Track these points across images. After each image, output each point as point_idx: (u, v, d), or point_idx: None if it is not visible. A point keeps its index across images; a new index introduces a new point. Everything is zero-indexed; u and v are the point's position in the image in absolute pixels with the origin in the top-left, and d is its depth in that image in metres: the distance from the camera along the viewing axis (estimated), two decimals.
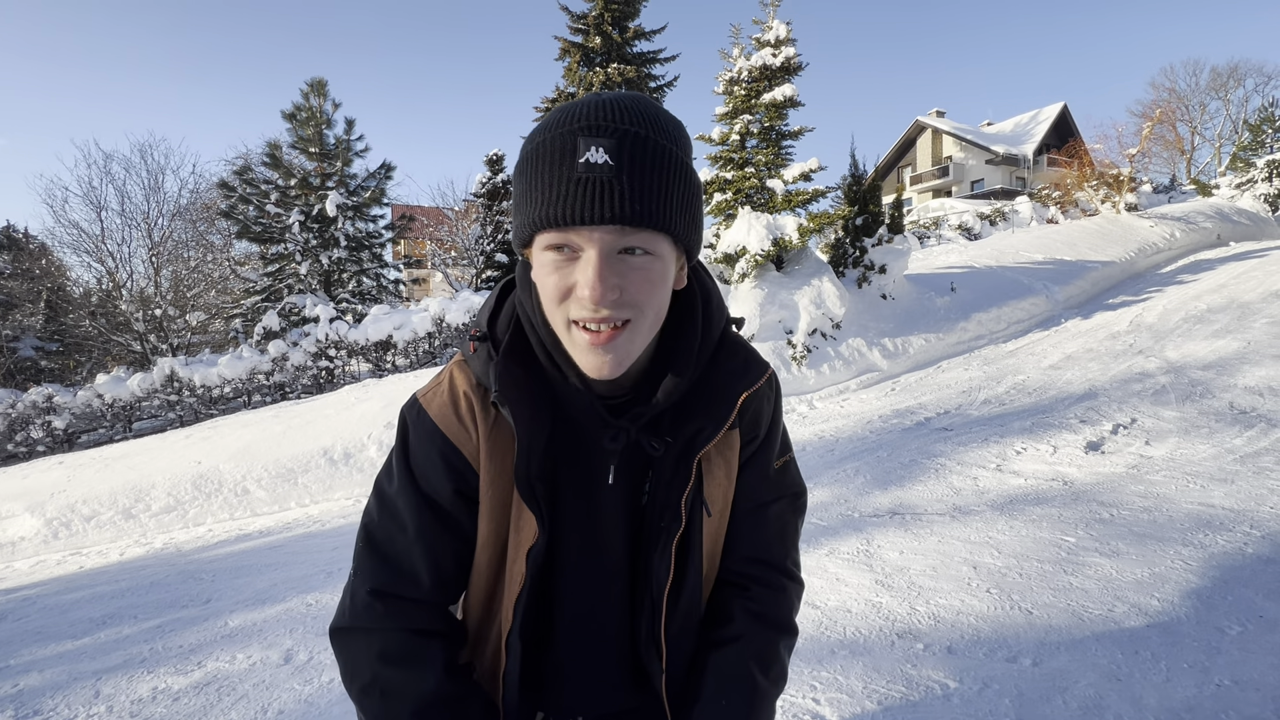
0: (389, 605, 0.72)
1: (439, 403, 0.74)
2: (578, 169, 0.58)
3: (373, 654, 0.71)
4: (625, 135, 0.59)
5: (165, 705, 2.44)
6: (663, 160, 0.60)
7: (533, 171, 0.61)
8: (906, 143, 40.55)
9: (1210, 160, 32.39)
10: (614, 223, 0.58)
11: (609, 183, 0.57)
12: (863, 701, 1.90)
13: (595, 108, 0.60)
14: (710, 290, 0.77)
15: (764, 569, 0.82)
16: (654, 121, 0.61)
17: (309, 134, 14.18)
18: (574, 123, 0.59)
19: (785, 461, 0.84)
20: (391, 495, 0.74)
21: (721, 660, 0.77)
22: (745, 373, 0.76)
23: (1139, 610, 2.18)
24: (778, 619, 0.80)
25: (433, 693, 0.70)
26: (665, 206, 0.60)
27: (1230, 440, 3.68)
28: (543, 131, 0.61)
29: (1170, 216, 13.34)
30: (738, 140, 8.90)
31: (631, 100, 0.62)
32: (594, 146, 0.57)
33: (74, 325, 15.87)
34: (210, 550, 4.78)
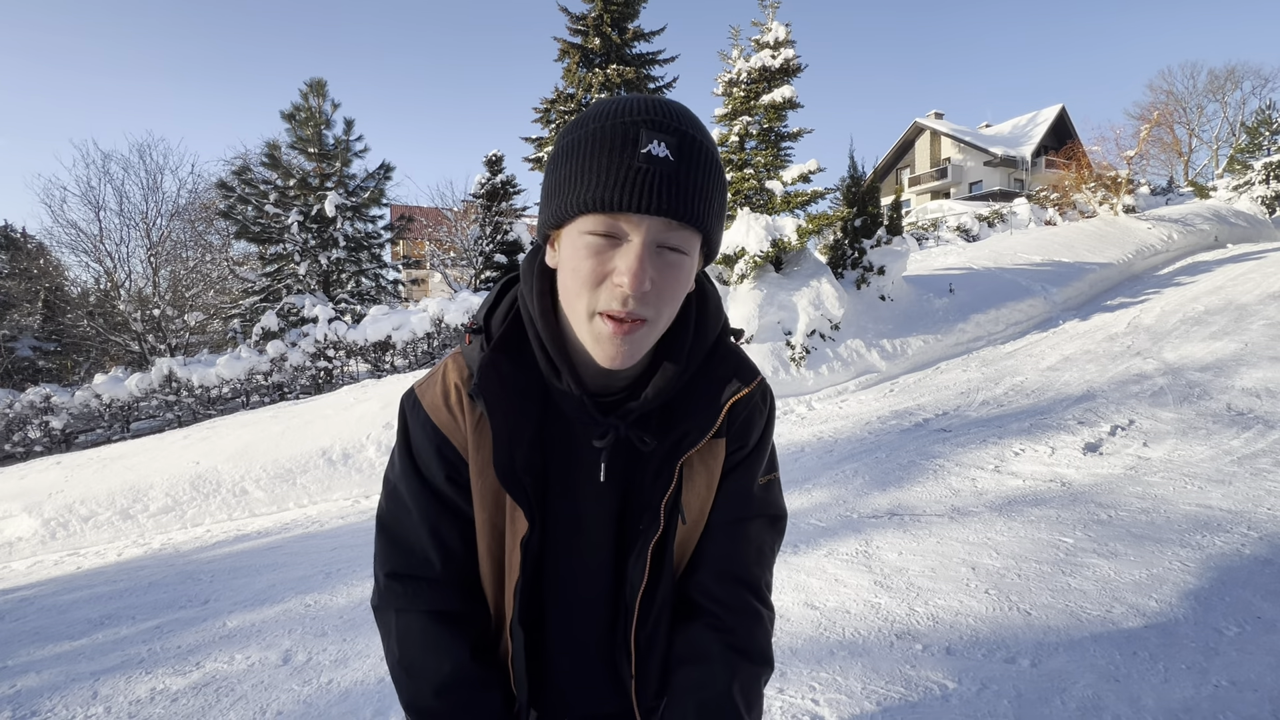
0: (407, 586, 0.77)
1: (431, 394, 0.76)
2: (639, 158, 0.59)
3: (400, 633, 0.77)
4: (685, 136, 0.62)
5: (163, 706, 2.44)
6: (712, 165, 0.64)
7: (585, 155, 0.61)
8: (905, 144, 40.62)
9: (1208, 162, 32.50)
10: (668, 215, 0.60)
11: (669, 176, 0.60)
12: (861, 702, 1.90)
13: (656, 106, 0.63)
14: (709, 294, 0.77)
15: (737, 590, 0.80)
16: (703, 130, 0.65)
17: (308, 134, 14.17)
18: (635, 115, 0.61)
19: (770, 480, 0.84)
20: (396, 483, 0.79)
21: (707, 700, 0.76)
22: (734, 379, 0.76)
23: (1137, 611, 2.19)
24: (758, 653, 0.79)
25: (451, 675, 0.75)
26: (709, 207, 0.64)
27: (1228, 442, 3.69)
28: (596, 120, 0.63)
29: (1168, 218, 13.37)
30: (737, 142, 8.91)
31: (680, 106, 0.65)
32: (657, 140, 0.60)
33: (72, 325, 15.84)
34: (208, 551, 4.78)
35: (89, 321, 15.28)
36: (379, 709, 2.21)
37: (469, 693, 0.75)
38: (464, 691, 0.75)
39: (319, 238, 13.81)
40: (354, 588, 3.39)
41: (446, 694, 0.74)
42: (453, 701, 0.75)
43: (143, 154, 17.61)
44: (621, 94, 0.64)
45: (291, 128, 14.21)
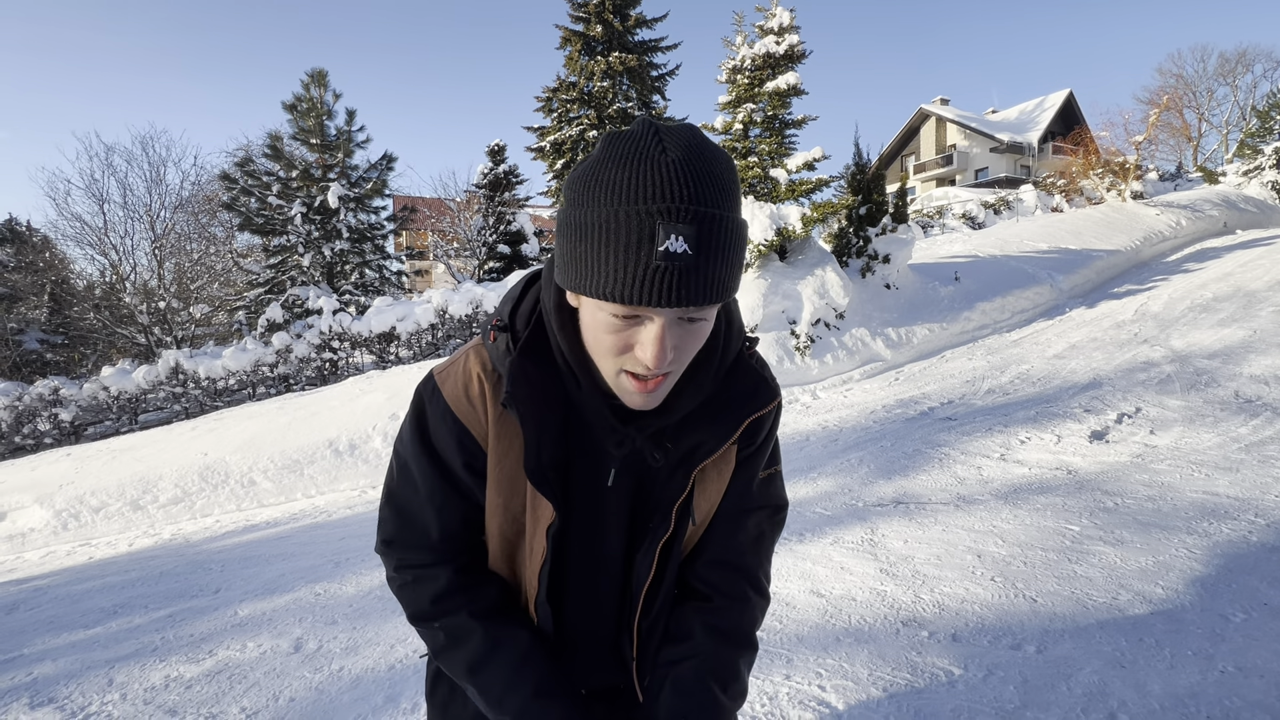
0: (405, 548, 0.83)
1: (452, 383, 0.78)
2: (656, 256, 0.56)
3: (396, 565, 0.83)
4: (704, 220, 0.57)
5: (178, 693, 2.48)
6: (733, 238, 0.60)
7: (601, 243, 0.58)
8: (910, 131, 40.25)
9: (1217, 147, 32.11)
10: (688, 305, 0.59)
11: (688, 271, 0.57)
12: (868, 688, 1.91)
13: (673, 186, 0.57)
14: (733, 314, 0.78)
15: (732, 576, 0.83)
16: (725, 190, 0.60)
17: (310, 125, 14.12)
18: (652, 202, 0.56)
19: (772, 473, 0.86)
20: (407, 459, 0.81)
21: (681, 679, 0.80)
22: (754, 396, 0.77)
23: (1143, 598, 2.19)
24: (738, 633, 0.82)
25: (448, 584, 0.80)
26: (731, 280, 0.62)
27: (1235, 429, 3.68)
28: (612, 198, 0.58)
29: (1176, 204, 13.24)
30: (741, 129, 8.84)
31: (701, 162, 0.59)
32: (675, 235, 0.56)
33: (78, 318, 15.92)
34: (218, 541, 4.83)
35: (95, 314, 15.36)
36: (390, 696, 2.24)
37: (464, 594, 0.80)
38: (459, 594, 0.80)
39: (322, 229, 13.81)
40: (363, 577, 3.42)
41: (442, 599, 0.80)
42: (450, 603, 0.80)
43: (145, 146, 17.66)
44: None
45: (293, 118, 14.17)
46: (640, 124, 0.61)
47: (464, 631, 0.78)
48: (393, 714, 2.13)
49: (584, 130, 19.92)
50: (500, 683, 0.77)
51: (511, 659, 0.77)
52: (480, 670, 0.77)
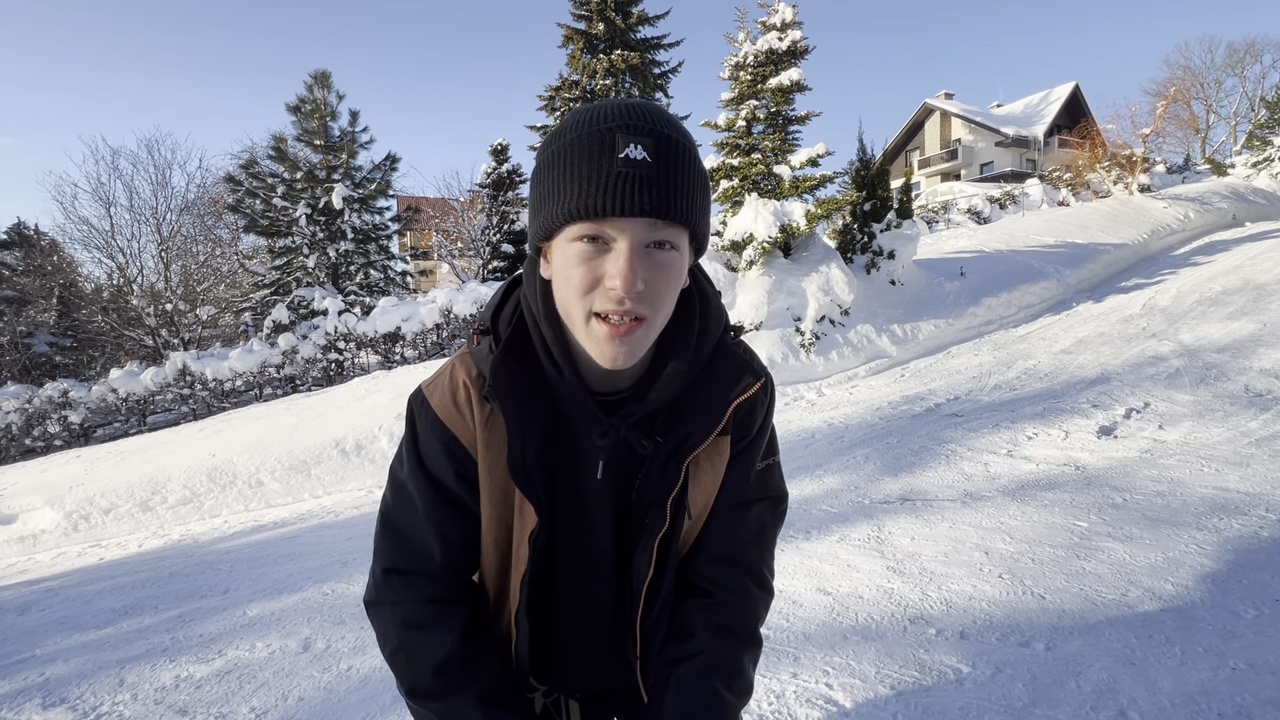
0: (405, 579, 0.79)
1: (439, 393, 0.78)
2: (618, 163, 0.60)
3: (397, 621, 0.78)
4: (660, 136, 0.62)
5: (188, 693, 2.49)
6: (690, 162, 0.64)
7: (565, 165, 0.63)
8: (914, 126, 40.04)
9: (1226, 139, 31.78)
10: (651, 215, 0.61)
11: (648, 177, 0.61)
12: (875, 686, 1.91)
13: (629, 109, 0.63)
14: (709, 296, 0.78)
15: (735, 572, 0.82)
16: (679, 128, 0.66)
17: (313, 126, 14.17)
18: (610, 120, 0.62)
19: (770, 464, 0.85)
20: (403, 479, 0.80)
21: (684, 677, 0.79)
22: (739, 379, 0.76)
23: (1153, 595, 2.18)
24: (742, 630, 0.81)
25: (449, 654, 0.76)
26: (691, 203, 0.64)
27: (1245, 423, 3.65)
28: (573, 130, 0.64)
29: (1184, 197, 13.12)
30: (744, 126, 8.81)
31: (656, 107, 0.66)
32: (634, 144, 0.61)
33: (86, 321, 16.03)
34: (227, 541, 4.85)
35: (103, 317, 15.46)
36: (398, 695, 2.24)
37: (466, 670, 0.77)
38: (462, 669, 0.76)
39: (327, 230, 13.86)
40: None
41: (444, 673, 0.75)
42: (451, 679, 0.76)
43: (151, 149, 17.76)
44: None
45: (297, 120, 14.21)
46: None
47: (464, 718, 0.76)
48: (401, 713, 2.13)
49: None
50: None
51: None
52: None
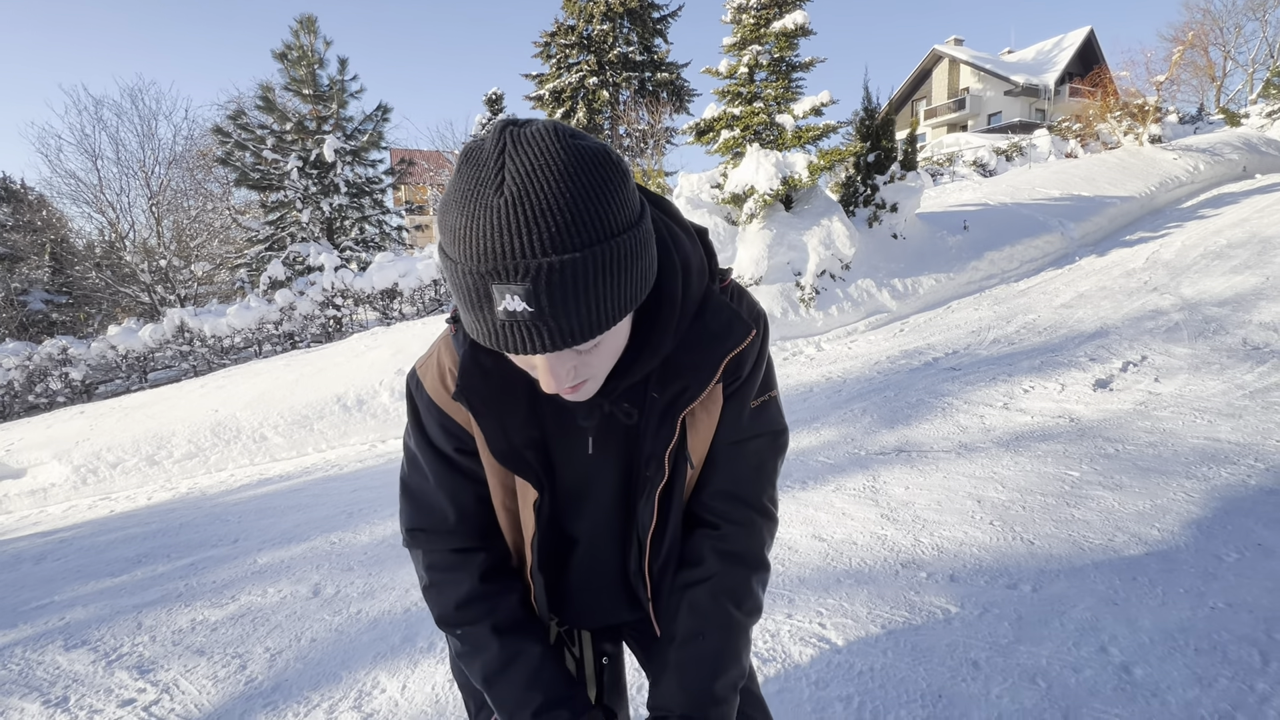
0: (429, 535, 0.85)
1: (431, 377, 0.80)
2: (499, 315, 0.55)
3: (425, 565, 0.86)
4: (539, 273, 0.52)
5: (204, 635, 2.59)
6: (587, 277, 0.54)
7: (455, 294, 0.58)
8: (922, 74, 38.79)
9: (1242, 87, 30.83)
10: (545, 352, 0.57)
11: (531, 326, 0.55)
12: (867, 625, 1.98)
13: (502, 234, 0.52)
14: (689, 257, 0.72)
15: (737, 505, 0.84)
16: (572, 220, 0.53)
17: (301, 75, 13.72)
18: (482, 261, 0.53)
19: (766, 400, 0.84)
20: (413, 450, 0.85)
21: (695, 599, 0.83)
22: (729, 334, 0.75)
23: (1139, 540, 2.24)
24: (748, 555, 0.84)
25: (469, 592, 0.83)
26: (601, 315, 0.57)
27: (1241, 376, 3.67)
28: (452, 247, 0.55)
29: (1195, 148, 12.84)
30: (746, 73, 8.53)
31: (540, 196, 0.52)
32: (509, 295, 0.53)
33: (81, 277, 15.90)
34: (234, 494, 4.95)
35: (97, 274, 15.33)
36: (407, 635, 2.33)
37: (485, 602, 0.84)
38: (481, 602, 0.84)
39: (319, 184, 13.59)
40: (376, 526, 3.52)
41: (464, 607, 0.84)
42: (471, 612, 0.84)
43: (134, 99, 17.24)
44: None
45: (284, 68, 13.75)
46: (492, 136, 0.55)
47: (482, 643, 0.83)
48: (410, 652, 2.22)
49: (584, 77, 19.28)
50: (512, 698, 0.81)
51: (524, 676, 0.81)
52: (495, 683, 0.82)
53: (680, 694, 0.79)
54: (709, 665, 0.80)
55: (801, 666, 1.86)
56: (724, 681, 0.80)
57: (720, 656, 0.80)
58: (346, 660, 2.24)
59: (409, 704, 1.96)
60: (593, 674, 0.97)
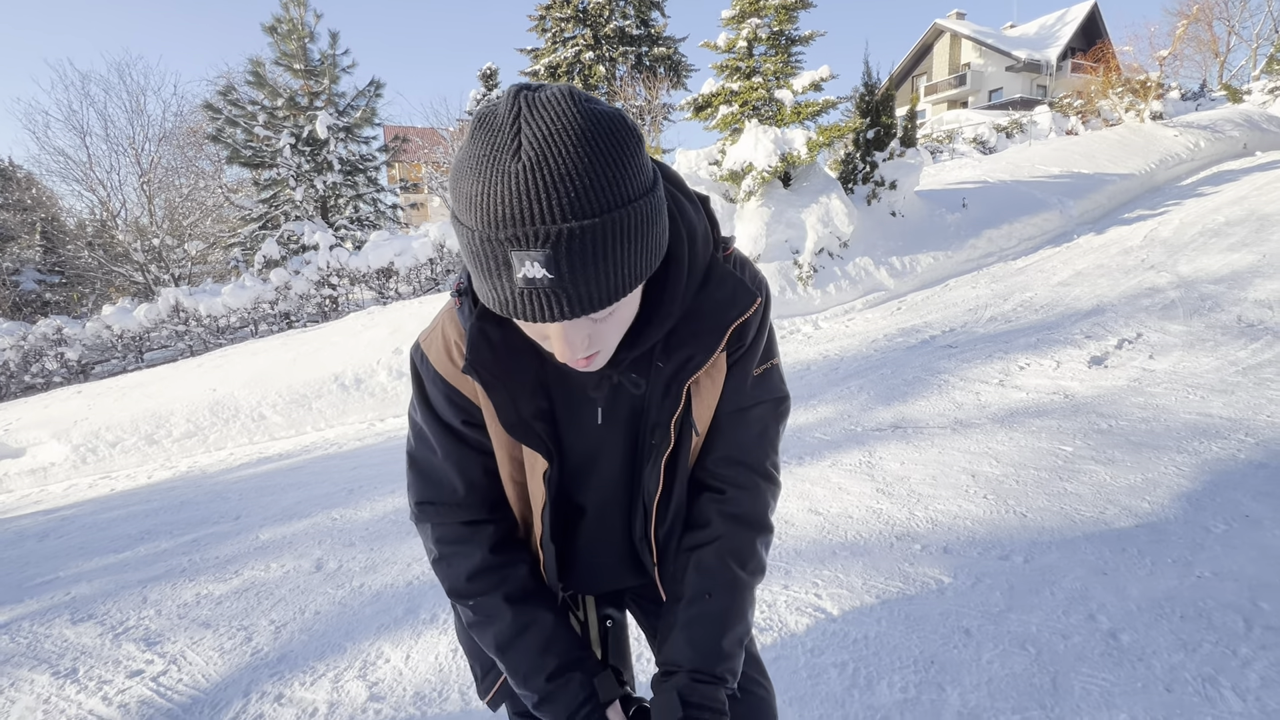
0: (438, 509, 0.86)
1: (436, 350, 0.80)
2: (518, 283, 0.55)
3: (435, 538, 0.87)
4: (560, 239, 0.52)
5: (209, 608, 2.63)
6: (607, 243, 0.54)
7: (470, 262, 0.58)
8: (923, 49, 38.23)
9: (1245, 63, 30.47)
10: (565, 320, 0.57)
11: (551, 292, 0.55)
12: (862, 596, 2.02)
13: (521, 199, 0.51)
14: (694, 225, 0.72)
15: (741, 470, 0.86)
16: (591, 184, 0.52)
17: (292, 49, 13.45)
18: (501, 228, 0.52)
19: (768, 368, 0.86)
20: (419, 424, 0.85)
21: (702, 559, 0.85)
22: (734, 303, 0.76)
23: (1129, 512, 2.27)
24: (753, 518, 0.86)
25: (480, 564, 0.85)
26: (618, 282, 0.57)
27: (1235, 353, 3.70)
28: (468, 215, 0.55)
29: (1196, 125, 12.74)
30: (744, 47, 8.39)
31: (559, 162, 0.51)
32: (529, 261, 0.53)
33: (73, 256, 15.75)
34: (234, 472, 4.97)
35: (89, 253, 15.18)
36: (410, 608, 2.37)
37: (496, 573, 0.85)
38: (492, 573, 0.85)
39: (313, 161, 13.42)
40: (376, 503, 3.55)
41: (476, 578, 0.85)
42: (482, 583, 0.85)
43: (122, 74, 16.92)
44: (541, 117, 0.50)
45: (274, 42, 13.48)
46: (506, 101, 0.54)
47: (495, 612, 0.84)
48: (413, 623, 2.26)
49: (580, 51, 18.96)
50: (526, 663, 0.83)
51: (537, 642, 0.83)
52: (508, 650, 0.84)
53: (689, 649, 0.81)
54: (716, 622, 0.82)
55: (797, 635, 1.90)
56: (731, 637, 0.83)
57: (727, 614, 0.83)
58: (350, 632, 2.28)
59: (413, 673, 2.00)
60: (597, 636, 0.99)
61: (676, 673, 0.81)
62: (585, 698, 0.82)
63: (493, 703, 0.95)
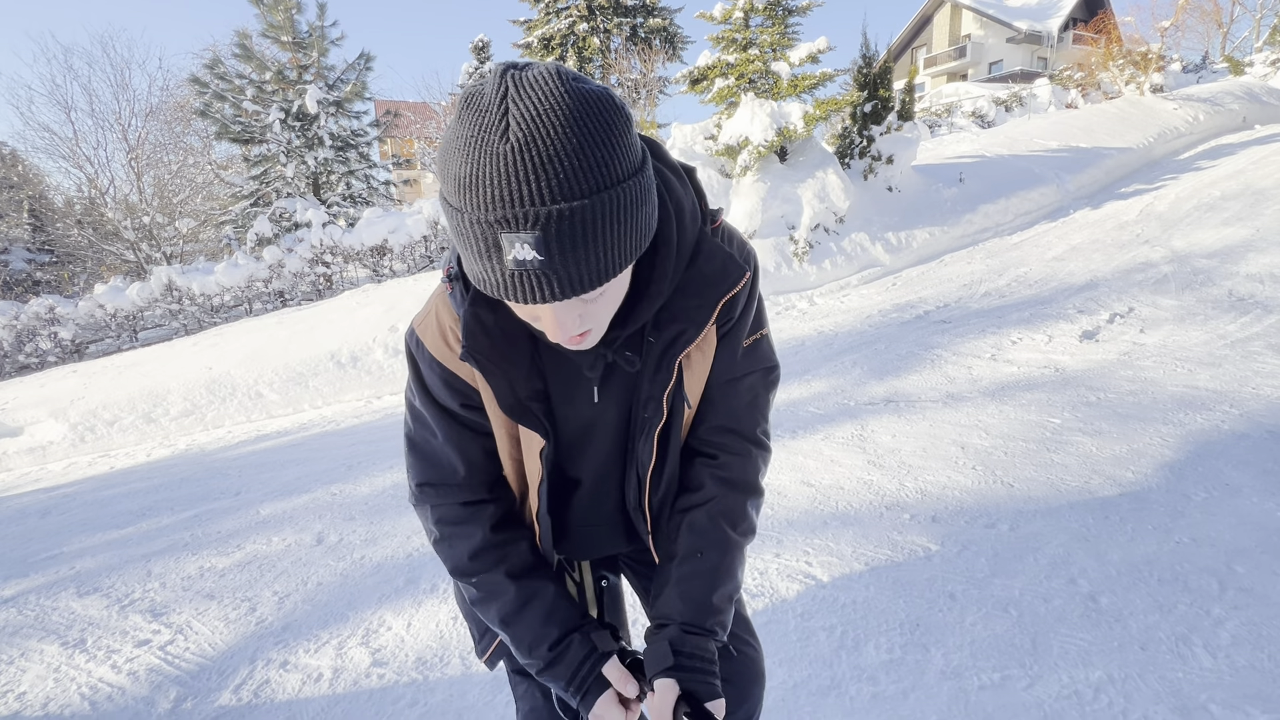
0: (438, 490, 0.88)
1: (431, 334, 0.81)
2: (508, 264, 0.55)
3: (436, 519, 0.89)
4: (549, 220, 0.52)
5: (213, 580, 2.68)
6: (597, 225, 0.55)
7: (460, 244, 0.58)
8: (923, 20, 37.56)
9: (1248, 34, 30.06)
10: (553, 301, 0.58)
11: (541, 275, 0.55)
12: (851, 563, 2.08)
13: (510, 180, 0.52)
14: (682, 201, 0.73)
15: (733, 438, 0.89)
16: (580, 165, 0.53)
17: (279, 20, 13.15)
18: (491, 210, 0.53)
19: (758, 338, 0.87)
20: (418, 408, 0.87)
21: (695, 520, 0.88)
22: (724, 277, 0.77)
23: (1113, 481, 2.33)
24: (744, 482, 0.89)
25: (481, 542, 0.87)
26: (608, 263, 0.58)
27: (1224, 326, 3.74)
28: (456, 196, 0.55)
29: (1196, 98, 12.62)
30: (741, 18, 8.25)
31: (547, 142, 0.52)
32: (519, 243, 0.53)
33: (62, 235, 15.57)
34: (232, 450, 5.01)
35: (79, 231, 15.01)
36: (410, 578, 2.42)
37: (498, 550, 0.88)
38: (493, 550, 0.88)
39: (303, 136, 13.22)
40: (375, 478, 3.59)
41: (478, 557, 0.87)
42: (484, 561, 0.88)
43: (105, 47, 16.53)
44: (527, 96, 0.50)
45: (260, 13, 13.17)
46: (493, 80, 0.54)
47: (498, 589, 0.87)
48: (414, 594, 2.31)
49: (574, 23, 18.59)
50: (530, 634, 0.86)
51: (540, 614, 0.86)
52: (512, 623, 0.87)
53: (681, 604, 0.85)
54: (708, 579, 0.86)
55: (788, 600, 1.95)
56: (721, 594, 0.86)
57: (717, 571, 0.86)
58: (353, 602, 2.33)
59: (414, 639, 2.05)
60: (593, 596, 1.03)
61: (668, 625, 0.84)
62: (585, 655, 0.85)
63: (489, 661, 1.00)
